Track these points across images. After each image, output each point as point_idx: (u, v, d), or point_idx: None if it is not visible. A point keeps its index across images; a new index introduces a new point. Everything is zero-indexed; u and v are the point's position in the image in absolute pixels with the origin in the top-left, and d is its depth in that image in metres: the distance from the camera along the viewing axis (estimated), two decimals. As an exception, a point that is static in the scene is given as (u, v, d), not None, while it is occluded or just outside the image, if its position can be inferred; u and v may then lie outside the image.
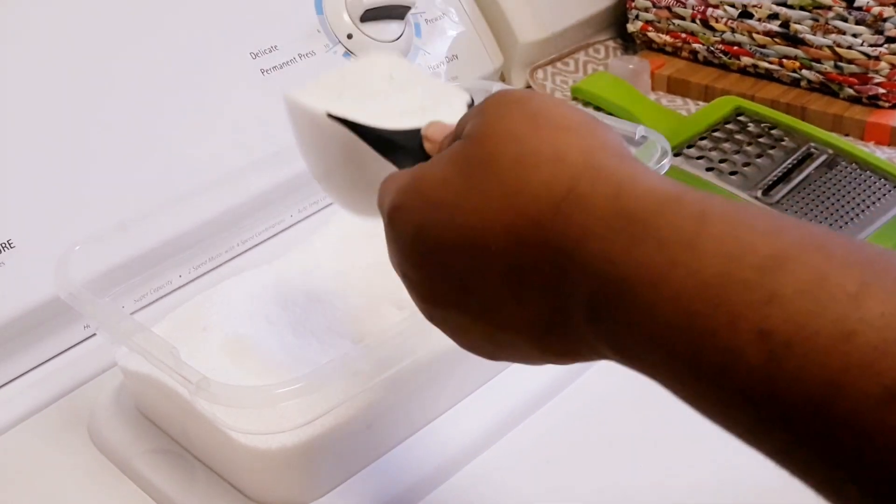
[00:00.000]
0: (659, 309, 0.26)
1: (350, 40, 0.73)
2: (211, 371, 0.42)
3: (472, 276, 0.32)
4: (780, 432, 0.25)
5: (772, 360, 0.24)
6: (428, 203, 0.33)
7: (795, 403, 0.24)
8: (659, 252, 0.26)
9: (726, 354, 0.25)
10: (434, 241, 0.33)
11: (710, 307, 0.25)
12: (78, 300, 0.48)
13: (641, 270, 0.27)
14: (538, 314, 0.31)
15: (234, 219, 0.63)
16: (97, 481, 0.51)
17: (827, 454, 0.24)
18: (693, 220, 0.27)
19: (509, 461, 0.52)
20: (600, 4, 0.98)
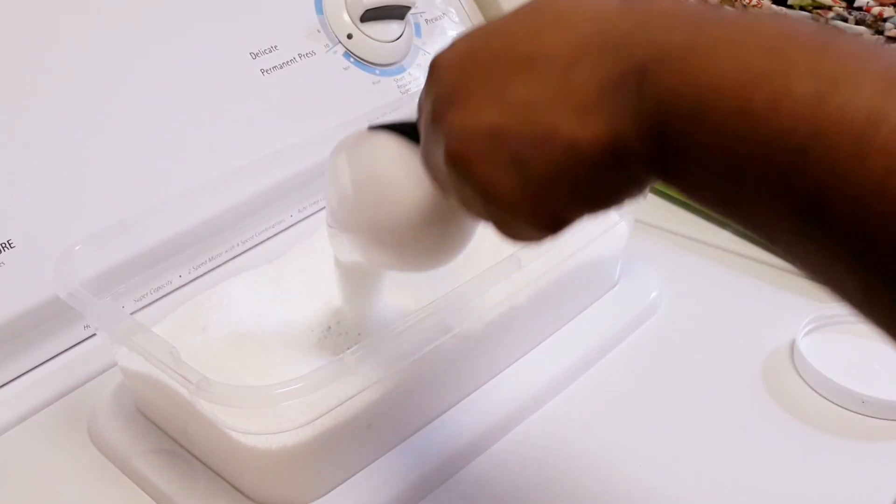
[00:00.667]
0: (715, 61, 0.27)
1: (350, 40, 0.72)
2: (211, 371, 0.42)
3: (518, 76, 0.31)
4: (817, 170, 0.25)
5: (818, 96, 0.25)
6: (482, 29, 0.34)
7: (837, 133, 0.24)
8: (720, 27, 0.28)
9: (776, 92, 0.26)
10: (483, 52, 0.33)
11: (766, 54, 0.26)
12: (78, 300, 0.48)
13: (701, 38, 0.28)
14: (584, 101, 0.30)
15: (234, 219, 0.63)
16: (97, 481, 0.51)
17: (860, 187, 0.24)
18: (753, 15, 0.28)
19: (510, 461, 0.52)
20: (600, 4, 0.98)
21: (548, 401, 0.55)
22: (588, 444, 0.53)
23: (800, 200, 0.26)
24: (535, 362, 0.56)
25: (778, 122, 0.26)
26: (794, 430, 0.53)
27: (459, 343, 0.51)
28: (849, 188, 0.24)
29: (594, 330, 0.59)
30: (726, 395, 0.56)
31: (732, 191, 0.28)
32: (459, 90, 0.33)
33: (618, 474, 0.51)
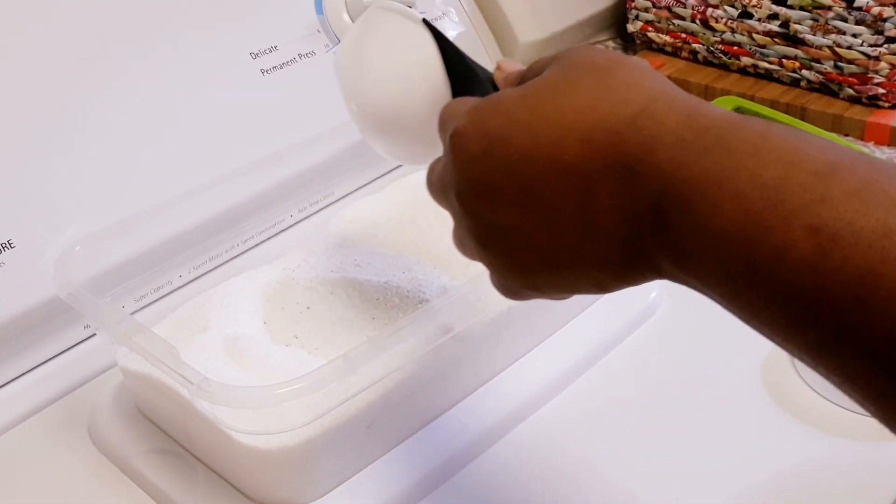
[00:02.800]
0: (721, 207, 0.28)
1: (350, 40, 0.72)
2: (211, 371, 0.42)
3: (541, 184, 0.33)
4: (822, 324, 0.27)
5: (820, 252, 0.26)
6: (503, 115, 0.35)
7: (838, 293, 0.26)
8: (726, 158, 0.29)
9: (780, 249, 0.27)
10: (505, 150, 0.34)
11: (769, 206, 0.27)
12: (78, 300, 0.48)
13: (708, 172, 0.29)
14: (602, 221, 0.32)
15: (235, 219, 0.63)
16: (97, 481, 0.51)
17: (863, 343, 0.26)
18: (758, 135, 0.29)
19: (510, 461, 0.52)
20: (600, 4, 0.98)
21: (547, 401, 0.55)
22: (588, 444, 0.53)
23: (808, 343, 0.28)
24: (535, 363, 0.56)
25: (783, 278, 0.27)
26: (794, 430, 0.53)
27: (459, 343, 0.51)
28: (856, 340, 0.26)
29: (594, 330, 0.58)
30: (726, 396, 0.56)
31: (747, 320, 0.30)
32: (487, 186, 0.35)
33: (617, 474, 0.51)
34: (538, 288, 0.37)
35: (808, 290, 0.26)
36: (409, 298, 0.55)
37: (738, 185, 0.28)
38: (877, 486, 0.50)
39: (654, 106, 0.32)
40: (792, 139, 0.29)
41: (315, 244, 0.60)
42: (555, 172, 0.33)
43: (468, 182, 0.36)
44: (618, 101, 0.32)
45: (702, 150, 0.30)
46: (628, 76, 0.34)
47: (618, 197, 0.31)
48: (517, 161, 0.34)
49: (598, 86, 0.33)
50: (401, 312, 0.54)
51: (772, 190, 0.27)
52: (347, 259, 0.58)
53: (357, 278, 0.56)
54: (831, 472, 0.51)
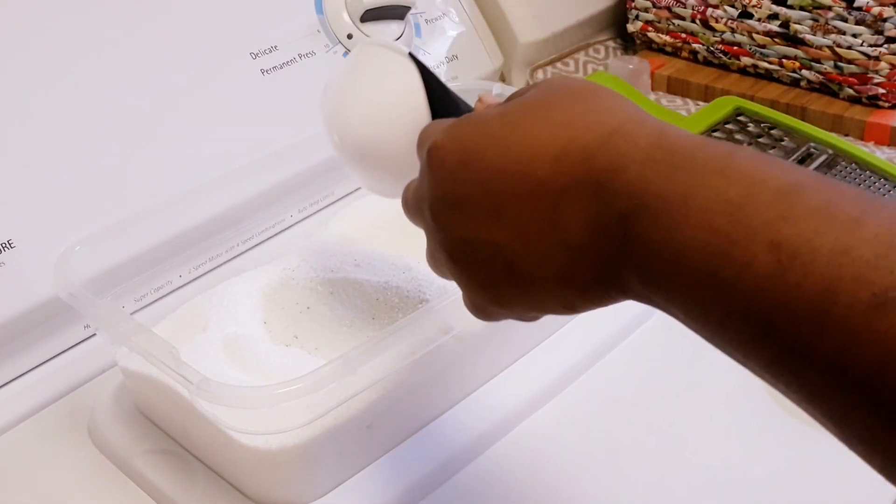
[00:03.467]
0: (686, 223, 0.29)
1: (350, 40, 0.73)
2: (211, 371, 0.42)
3: (512, 198, 0.34)
4: (781, 339, 0.27)
5: (779, 268, 0.27)
6: (479, 132, 0.35)
7: (797, 309, 0.26)
8: (692, 175, 0.30)
9: (741, 264, 0.28)
10: (480, 163, 0.35)
11: (732, 222, 0.28)
12: (78, 300, 0.48)
13: (675, 189, 0.30)
14: (571, 237, 0.33)
15: (235, 219, 0.63)
16: (97, 481, 0.51)
17: (820, 358, 0.26)
18: (725, 155, 0.30)
19: (510, 461, 0.52)
20: (600, 4, 0.98)
21: (547, 401, 0.55)
22: (587, 444, 0.53)
23: (767, 359, 0.28)
24: (535, 363, 0.56)
25: (743, 292, 0.28)
26: (795, 431, 0.53)
27: (459, 343, 0.51)
28: (812, 356, 0.26)
29: (593, 331, 0.59)
30: (726, 396, 0.56)
31: (709, 337, 0.30)
32: (459, 197, 0.36)
33: (617, 474, 0.51)
34: (506, 305, 0.37)
35: (767, 305, 0.27)
36: (409, 298, 0.55)
37: (702, 201, 0.29)
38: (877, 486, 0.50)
39: (626, 126, 0.33)
40: (757, 160, 0.30)
41: (315, 244, 0.60)
42: (526, 187, 0.33)
43: (442, 194, 0.36)
44: (592, 122, 0.33)
45: (670, 168, 0.30)
46: (603, 101, 0.35)
47: (587, 212, 0.32)
48: (490, 175, 0.34)
49: (573, 108, 0.34)
50: (401, 312, 0.54)
51: (735, 206, 0.28)
52: (347, 259, 0.58)
53: (357, 278, 0.56)
54: (831, 472, 0.51)
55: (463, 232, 0.36)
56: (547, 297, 0.35)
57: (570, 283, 0.34)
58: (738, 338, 0.29)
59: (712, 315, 0.29)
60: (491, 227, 0.35)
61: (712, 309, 0.29)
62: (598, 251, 0.32)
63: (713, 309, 0.29)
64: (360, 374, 0.45)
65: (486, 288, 0.37)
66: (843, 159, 0.73)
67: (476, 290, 0.38)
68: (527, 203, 0.33)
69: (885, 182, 0.71)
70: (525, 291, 0.36)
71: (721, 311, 0.29)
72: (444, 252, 0.37)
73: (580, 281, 0.34)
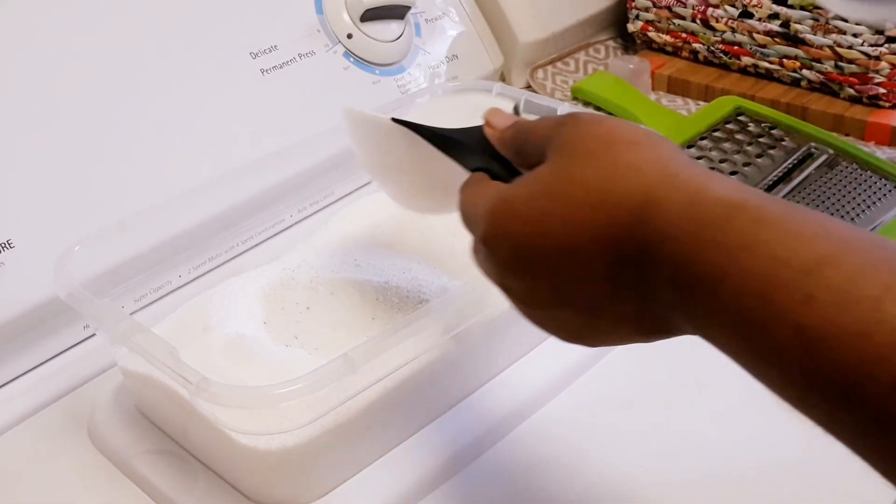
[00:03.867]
0: (723, 303, 0.31)
1: (350, 40, 0.73)
2: (211, 371, 0.42)
3: (569, 280, 0.36)
4: (813, 409, 0.30)
5: (807, 352, 0.29)
6: (519, 219, 0.37)
7: (825, 388, 0.29)
8: (723, 255, 0.31)
9: (773, 345, 0.30)
10: (531, 251, 0.37)
11: (761, 304, 0.30)
12: (78, 300, 0.48)
13: (708, 270, 0.32)
14: (631, 304, 0.35)
15: (235, 219, 0.63)
16: (97, 481, 0.51)
17: (851, 429, 0.29)
18: (751, 225, 0.31)
19: (510, 461, 0.52)
20: (600, 4, 0.98)
21: (548, 401, 0.55)
22: (587, 444, 0.53)
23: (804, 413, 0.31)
24: (536, 362, 0.56)
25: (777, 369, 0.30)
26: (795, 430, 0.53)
27: (459, 343, 0.51)
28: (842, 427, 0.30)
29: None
30: (726, 395, 0.56)
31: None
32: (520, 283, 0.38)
33: (617, 474, 0.51)
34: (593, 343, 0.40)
35: (798, 384, 0.29)
36: (409, 298, 0.55)
37: (733, 282, 0.31)
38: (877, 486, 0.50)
39: (656, 195, 0.34)
40: (783, 228, 0.31)
41: (315, 244, 0.60)
42: (577, 269, 0.36)
43: (502, 281, 0.39)
44: (621, 195, 0.34)
45: (702, 246, 0.32)
46: (626, 158, 0.35)
47: (640, 287, 0.34)
48: (543, 263, 0.36)
49: (599, 177, 0.35)
50: (401, 312, 0.54)
51: (763, 287, 0.30)
52: (347, 259, 0.58)
53: (357, 278, 0.56)
54: (831, 472, 0.51)
55: (531, 308, 0.39)
56: (625, 340, 0.38)
57: (640, 331, 0.37)
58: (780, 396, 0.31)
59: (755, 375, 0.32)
60: (556, 307, 0.38)
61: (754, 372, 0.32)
62: (658, 315, 0.35)
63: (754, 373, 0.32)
64: (360, 374, 0.45)
65: (563, 337, 0.40)
66: (843, 159, 0.73)
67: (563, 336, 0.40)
68: (581, 282, 0.36)
69: (885, 182, 0.71)
70: (605, 339, 0.39)
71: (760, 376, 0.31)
72: (522, 312, 0.40)
73: (644, 332, 0.37)
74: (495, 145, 0.43)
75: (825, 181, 0.71)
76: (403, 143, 0.48)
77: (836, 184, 0.71)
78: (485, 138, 0.44)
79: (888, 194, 0.70)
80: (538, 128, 0.40)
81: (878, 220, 0.68)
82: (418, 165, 0.49)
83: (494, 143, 0.43)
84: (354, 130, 0.53)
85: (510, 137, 0.42)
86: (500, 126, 0.43)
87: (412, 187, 0.52)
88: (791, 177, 0.72)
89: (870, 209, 0.68)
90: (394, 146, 0.49)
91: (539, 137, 0.40)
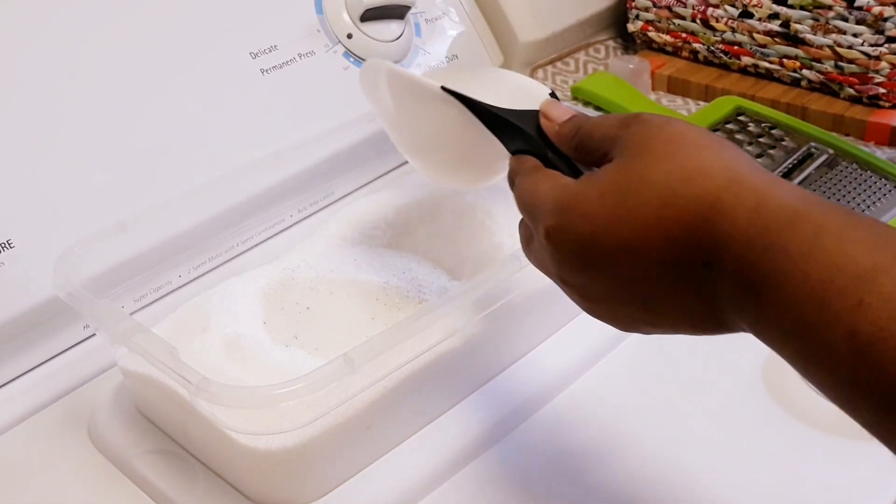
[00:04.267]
0: (781, 307, 0.33)
1: (350, 40, 0.72)
2: (211, 371, 0.42)
3: (635, 278, 0.37)
4: (865, 413, 0.31)
5: (857, 356, 0.30)
6: (588, 218, 0.38)
7: (874, 392, 0.30)
8: (784, 259, 0.33)
9: (824, 348, 0.31)
10: (599, 250, 0.37)
11: (816, 308, 0.31)
12: (78, 300, 0.48)
13: (771, 274, 0.33)
14: (693, 302, 0.36)
15: (234, 219, 0.63)
16: (97, 481, 0.51)
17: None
18: (812, 232, 0.33)
19: (511, 461, 0.52)
20: (600, 4, 0.98)
21: (548, 401, 0.55)
22: (588, 443, 0.53)
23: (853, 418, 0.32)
24: (536, 362, 0.56)
25: (829, 370, 0.32)
26: (794, 430, 0.53)
27: (459, 343, 0.51)
28: (891, 433, 0.31)
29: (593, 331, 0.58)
30: (727, 395, 0.56)
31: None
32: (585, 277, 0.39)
33: (617, 474, 0.51)
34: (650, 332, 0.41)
35: (847, 385, 0.31)
36: (409, 298, 0.55)
37: (792, 287, 0.32)
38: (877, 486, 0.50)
39: (723, 199, 0.35)
40: (842, 236, 0.32)
41: (315, 244, 0.60)
42: (644, 268, 0.36)
43: (567, 275, 0.40)
44: (690, 198, 0.35)
45: (765, 249, 0.33)
46: (694, 161, 0.36)
47: (701, 287, 0.36)
48: (610, 260, 0.37)
49: (668, 180, 0.36)
50: (401, 312, 0.54)
51: (819, 293, 0.31)
52: (347, 259, 0.58)
53: (357, 278, 0.56)
54: (831, 472, 0.51)
55: (590, 302, 0.40)
56: (682, 333, 0.39)
57: (698, 327, 0.38)
58: (828, 395, 0.33)
59: (807, 376, 0.33)
60: (616, 302, 0.39)
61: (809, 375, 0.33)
62: (718, 314, 0.36)
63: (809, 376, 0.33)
64: (360, 374, 0.45)
65: (618, 327, 0.41)
66: (843, 159, 0.73)
67: (622, 327, 0.41)
68: (647, 281, 0.37)
69: (885, 182, 0.71)
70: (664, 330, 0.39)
71: (813, 378, 0.33)
72: (579, 304, 0.41)
73: (701, 328, 0.38)
74: (552, 139, 0.43)
75: (825, 181, 0.71)
76: (448, 113, 0.46)
77: (835, 184, 0.71)
78: (540, 126, 0.44)
79: (888, 194, 0.70)
80: (601, 126, 0.41)
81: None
82: (455, 137, 0.48)
83: (552, 137, 0.43)
84: (384, 90, 0.51)
85: (569, 133, 0.43)
86: (558, 119, 0.44)
87: (441, 158, 0.51)
88: (791, 177, 0.72)
89: (870, 209, 0.68)
90: (434, 115, 0.47)
91: (603, 136, 0.40)
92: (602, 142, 0.40)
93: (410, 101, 0.50)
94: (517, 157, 0.45)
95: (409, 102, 0.50)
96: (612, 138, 0.40)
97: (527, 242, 0.43)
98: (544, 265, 0.42)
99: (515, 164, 0.44)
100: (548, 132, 0.44)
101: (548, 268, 0.41)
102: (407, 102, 0.50)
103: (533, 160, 0.44)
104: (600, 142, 0.40)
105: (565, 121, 0.43)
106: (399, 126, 0.52)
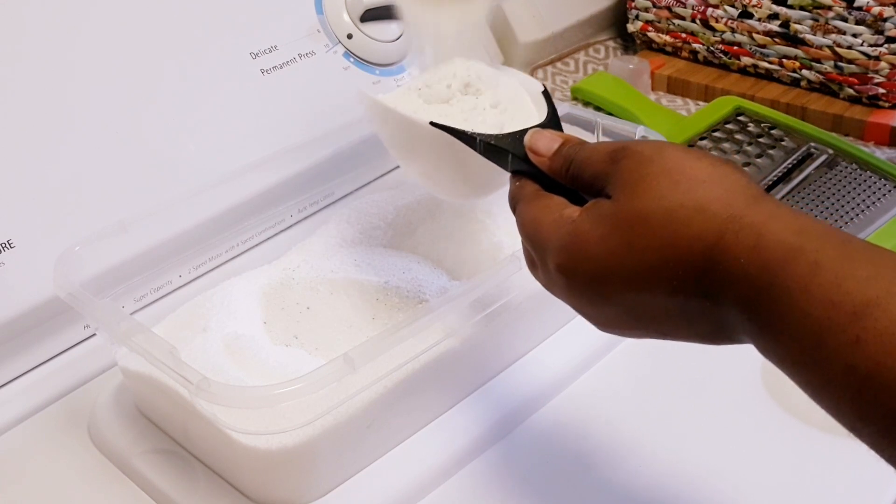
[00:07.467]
0: (783, 342, 0.34)
1: (350, 40, 0.72)
2: (211, 371, 0.42)
3: (644, 312, 0.39)
4: (870, 439, 0.32)
5: (856, 390, 0.32)
6: (592, 262, 0.39)
7: (875, 423, 0.31)
8: (784, 297, 0.34)
9: (826, 382, 0.33)
10: (606, 289, 0.39)
11: (815, 343, 0.33)
12: (78, 300, 0.48)
13: (772, 310, 0.34)
14: (704, 325, 0.38)
15: (234, 219, 0.63)
16: (97, 481, 0.51)
17: None
18: (809, 269, 0.34)
19: (511, 461, 0.52)
20: (600, 4, 0.98)
21: (548, 401, 0.55)
22: (587, 443, 0.53)
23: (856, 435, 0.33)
24: (536, 362, 0.56)
25: (832, 401, 0.33)
26: (794, 430, 0.53)
27: (459, 343, 0.51)
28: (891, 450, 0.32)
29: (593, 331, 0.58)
30: (726, 395, 0.56)
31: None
32: (596, 308, 0.40)
33: (617, 474, 0.51)
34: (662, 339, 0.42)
35: (849, 415, 0.32)
36: (409, 298, 0.55)
37: (791, 324, 0.33)
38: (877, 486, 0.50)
39: (724, 238, 0.35)
40: (838, 271, 0.33)
41: (315, 244, 0.60)
42: (653, 305, 0.38)
43: (579, 306, 0.41)
44: (690, 238, 0.36)
45: (765, 288, 0.34)
46: (692, 198, 0.37)
47: (710, 315, 0.37)
48: (619, 297, 0.39)
49: (668, 220, 0.37)
50: (401, 312, 0.54)
51: (817, 330, 0.33)
52: (347, 259, 0.58)
53: (357, 278, 0.56)
54: (831, 472, 0.51)
55: (605, 326, 0.41)
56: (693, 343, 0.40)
57: (712, 343, 0.39)
58: (833, 418, 0.34)
59: (813, 399, 0.34)
60: (630, 325, 0.40)
61: (810, 397, 0.34)
62: (728, 337, 0.38)
63: (810, 397, 0.34)
64: (361, 374, 0.45)
65: (634, 338, 0.42)
66: (843, 159, 0.73)
67: (625, 337, 0.42)
68: (657, 314, 0.38)
69: (885, 182, 0.71)
70: (670, 339, 0.41)
71: (821, 404, 0.34)
72: (590, 322, 0.42)
73: (721, 343, 0.39)
74: (546, 173, 0.44)
75: (825, 181, 0.71)
76: (442, 141, 0.47)
77: (835, 184, 0.71)
78: (524, 156, 0.44)
79: (888, 194, 0.70)
80: (592, 161, 0.41)
81: (878, 221, 0.68)
82: (452, 162, 0.49)
83: (545, 171, 0.44)
84: (381, 122, 0.52)
85: (560, 167, 0.43)
86: (546, 153, 0.44)
87: (443, 179, 0.52)
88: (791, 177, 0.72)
89: (869, 209, 0.68)
90: (428, 144, 0.48)
91: (594, 174, 0.41)
92: (595, 179, 0.40)
93: (403, 135, 0.51)
94: (516, 182, 0.45)
95: (402, 135, 0.51)
96: (603, 175, 0.40)
97: (531, 265, 0.44)
98: (555, 291, 0.42)
99: (515, 189, 0.45)
100: (540, 167, 0.44)
101: (558, 294, 0.42)
102: (401, 133, 0.51)
103: (532, 186, 0.44)
104: (592, 179, 0.41)
105: (554, 154, 0.43)
106: (398, 149, 0.53)
